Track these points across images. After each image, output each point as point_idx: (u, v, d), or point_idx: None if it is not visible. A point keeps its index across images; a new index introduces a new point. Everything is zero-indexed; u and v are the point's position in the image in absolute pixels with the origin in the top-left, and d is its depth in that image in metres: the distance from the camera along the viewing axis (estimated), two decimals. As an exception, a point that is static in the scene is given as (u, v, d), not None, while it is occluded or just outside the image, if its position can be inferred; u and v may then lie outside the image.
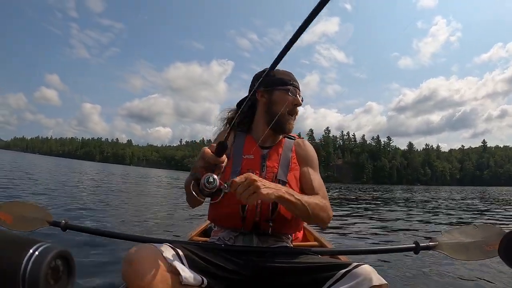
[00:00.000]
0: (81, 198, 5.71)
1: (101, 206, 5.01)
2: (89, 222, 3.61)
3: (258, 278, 0.87)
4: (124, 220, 4.05)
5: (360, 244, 3.49)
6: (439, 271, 2.28)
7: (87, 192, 7.08)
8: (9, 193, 5.24)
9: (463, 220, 6.22)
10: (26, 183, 7.27)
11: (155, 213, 4.93)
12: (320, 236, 1.75)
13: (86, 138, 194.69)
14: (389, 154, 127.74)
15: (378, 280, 0.73)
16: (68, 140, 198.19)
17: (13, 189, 5.79)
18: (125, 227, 3.60)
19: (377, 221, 5.48)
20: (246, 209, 0.95)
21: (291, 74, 1.09)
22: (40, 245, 0.29)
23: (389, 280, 0.77)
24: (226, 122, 1.14)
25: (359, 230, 4.34)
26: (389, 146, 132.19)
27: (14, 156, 38.49)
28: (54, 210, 3.98)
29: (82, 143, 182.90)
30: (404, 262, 2.46)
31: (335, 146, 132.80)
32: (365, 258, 2.30)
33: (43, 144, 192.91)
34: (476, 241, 1.07)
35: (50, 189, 6.62)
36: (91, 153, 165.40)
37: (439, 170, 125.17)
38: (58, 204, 4.65)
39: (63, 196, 5.56)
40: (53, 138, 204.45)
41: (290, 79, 1.07)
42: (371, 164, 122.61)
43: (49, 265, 0.28)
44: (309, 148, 1.13)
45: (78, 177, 12.79)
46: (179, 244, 0.84)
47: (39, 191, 5.96)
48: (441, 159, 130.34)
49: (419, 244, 1.06)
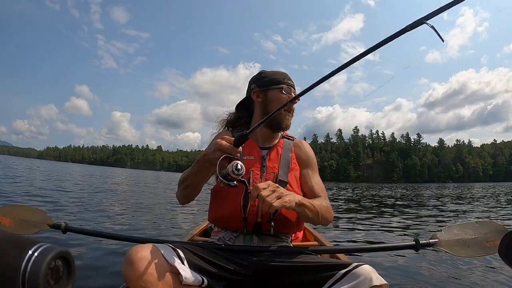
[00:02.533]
0: (110, 203, 5.76)
1: (119, 210, 5.03)
2: (110, 227, 3.58)
3: (259, 278, 0.87)
4: (128, 221, 4.06)
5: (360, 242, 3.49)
6: (440, 270, 2.27)
7: (116, 198, 7.10)
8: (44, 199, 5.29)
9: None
10: (61, 189, 7.44)
11: (157, 213, 4.94)
12: (320, 235, 1.75)
13: (117, 146, 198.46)
14: (419, 152, 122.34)
15: (378, 280, 0.73)
16: (100, 148, 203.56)
17: (50, 197, 5.84)
18: (126, 227, 3.61)
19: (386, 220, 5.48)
20: (248, 210, 0.95)
21: (286, 74, 1.12)
22: (40, 245, 0.29)
23: (390, 280, 0.77)
24: (225, 124, 1.17)
25: (371, 228, 4.35)
26: (419, 143, 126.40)
27: (48, 164, 39.64)
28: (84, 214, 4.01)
29: (113, 151, 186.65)
30: (405, 261, 2.45)
31: (364, 145, 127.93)
32: (365, 257, 2.30)
33: (75, 152, 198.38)
34: (476, 237, 1.07)
35: (79, 196, 6.58)
36: (122, 160, 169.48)
37: (471, 167, 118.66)
38: (88, 209, 4.70)
39: (93, 203, 5.58)
40: (85, 147, 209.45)
41: (284, 78, 1.09)
42: (401, 162, 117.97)
43: (49, 266, 0.28)
44: (308, 149, 1.15)
45: (109, 182, 13.12)
46: (179, 244, 0.85)
47: (70, 196, 6.05)
48: (473, 155, 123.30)
49: (419, 242, 1.06)
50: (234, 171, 0.73)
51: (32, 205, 1.89)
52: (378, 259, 2.41)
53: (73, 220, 3.67)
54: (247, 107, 1.16)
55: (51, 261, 0.29)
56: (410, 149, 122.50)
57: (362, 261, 0.82)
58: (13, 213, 1.22)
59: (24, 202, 4.53)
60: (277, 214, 0.96)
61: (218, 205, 1.01)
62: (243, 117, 1.16)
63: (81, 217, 3.96)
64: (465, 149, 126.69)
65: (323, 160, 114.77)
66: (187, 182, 0.95)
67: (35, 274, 0.27)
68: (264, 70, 1.14)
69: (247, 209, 0.95)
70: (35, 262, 0.28)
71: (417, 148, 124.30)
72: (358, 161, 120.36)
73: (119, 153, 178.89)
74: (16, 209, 1.27)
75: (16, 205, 1.31)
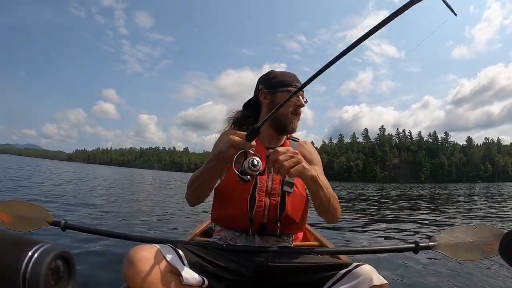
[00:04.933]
0: (122, 204, 5.83)
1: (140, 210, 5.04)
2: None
3: (259, 278, 0.87)
4: (128, 220, 4.07)
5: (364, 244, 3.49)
6: (440, 270, 2.28)
7: (148, 200, 7.17)
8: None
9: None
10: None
11: (159, 213, 4.95)
12: (320, 236, 1.75)
13: (144, 148, 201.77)
14: (447, 151, 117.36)
15: (378, 280, 0.73)
16: (127, 150, 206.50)
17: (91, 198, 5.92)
18: (127, 226, 3.62)
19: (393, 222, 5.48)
20: (254, 211, 0.94)
21: (295, 76, 1.10)
22: (41, 245, 0.29)
23: (390, 280, 0.77)
24: (232, 122, 1.17)
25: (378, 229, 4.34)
26: (446, 142, 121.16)
27: (77, 167, 41.01)
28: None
29: (141, 153, 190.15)
30: (405, 261, 2.46)
31: (391, 145, 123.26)
32: (365, 258, 2.30)
33: (103, 155, 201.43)
34: (475, 241, 1.07)
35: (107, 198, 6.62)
36: (149, 162, 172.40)
37: (501, 165, 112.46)
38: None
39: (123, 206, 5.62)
40: (113, 149, 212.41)
41: (293, 80, 1.07)
42: (428, 162, 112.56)
43: (49, 266, 0.28)
44: (313, 149, 1.15)
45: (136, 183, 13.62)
46: (180, 244, 0.84)
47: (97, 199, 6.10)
48: (502, 154, 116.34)
49: (418, 244, 1.06)
50: (250, 166, 0.73)
51: (46, 205, 1.89)
52: (378, 260, 2.42)
53: (74, 220, 3.67)
54: (254, 106, 1.15)
55: (51, 261, 0.28)
56: (437, 148, 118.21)
57: (362, 261, 0.82)
58: (11, 209, 1.21)
59: (36, 201, 4.52)
60: (283, 215, 0.96)
61: (223, 204, 1.00)
62: (250, 116, 1.16)
63: (83, 216, 3.97)
64: (494, 148, 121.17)
65: (349, 160, 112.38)
66: (199, 181, 0.93)
67: (35, 275, 0.27)
68: (272, 70, 1.12)
69: (253, 210, 0.95)
70: (36, 263, 0.27)
71: (445, 147, 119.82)
72: (384, 161, 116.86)
73: (146, 155, 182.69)
74: (15, 205, 1.25)
75: (15, 201, 1.29)
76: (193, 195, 0.98)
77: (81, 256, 2.17)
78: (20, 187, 6.83)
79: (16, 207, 1.24)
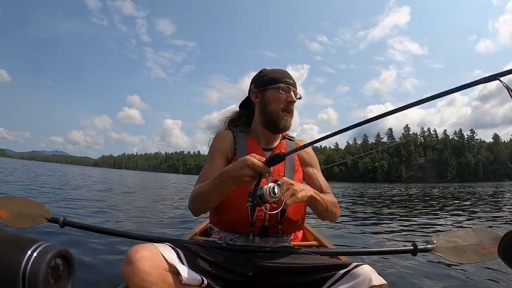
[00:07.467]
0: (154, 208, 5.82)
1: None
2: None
3: (259, 278, 0.87)
4: (133, 218, 4.09)
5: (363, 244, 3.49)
6: (439, 271, 2.28)
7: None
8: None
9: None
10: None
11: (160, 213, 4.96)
12: (319, 236, 1.76)
13: (169, 152, 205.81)
14: (473, 149, 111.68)
15: (377, 280, 0.73)
16: (153, 155, 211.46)
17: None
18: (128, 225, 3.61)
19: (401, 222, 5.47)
20: (255, 215, 0.94)
21: (285, 71, 1.08)
22: (40, 244, 0.29)
23: (389, 280, 0.77)
24: (228, 123, 1.17)
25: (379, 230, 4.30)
26: (473, 140, 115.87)
27: (104, 171, 42.06)
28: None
29: (166, 157, 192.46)
30: (404, 262, 2.46)
31: (416, 144, 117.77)
32: (364, 259, 2.30)
33: (129, 160, 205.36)
34: (472, 244, 1.08)
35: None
36: (174, 166, 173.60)
37: None
38: None
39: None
40: (138, 154, 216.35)
41: (283, 76, 1.05)
42: (454, 161, 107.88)
43: (49, 265, 0.28)
44: (310, 150, 1.15)
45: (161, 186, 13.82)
46: (180, 244, 0.84)
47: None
48: None
49: (417, 247, 1.07)
50: (271, 193, 0.72)
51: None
52: (377, 261, 2.42)
53: (77, 218, 3.68)
54: (249, 106, 1.15)
55: (51, 260, 0.28)
56: (463, 146, 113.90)
57: (361, 261, 0.82)
58: (10, 205, 1.20)
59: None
60: (284, 217, 0.96)
61: (223, 208, 0.98)
62: (244, 116, 1.16)
63: (86, 215, 3.97)
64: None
65: (374, 161, 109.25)
66: (203, 198, 0.90)
67: (35, 273, 0.27)
68: (265, 68, 1.11)
69: (254, 215, 0.94)
70: (35, 261, 0.27)
71: (471, 145, 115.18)
72: (410, 161, 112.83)
73: (171, 159, 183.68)
74: (14, 201, 1.25)
75: (14, 197, 1.29)
76: (198, 209, 0.95)
77: (80, 254, 2.16)
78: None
79: (15, 203, 1.23)
